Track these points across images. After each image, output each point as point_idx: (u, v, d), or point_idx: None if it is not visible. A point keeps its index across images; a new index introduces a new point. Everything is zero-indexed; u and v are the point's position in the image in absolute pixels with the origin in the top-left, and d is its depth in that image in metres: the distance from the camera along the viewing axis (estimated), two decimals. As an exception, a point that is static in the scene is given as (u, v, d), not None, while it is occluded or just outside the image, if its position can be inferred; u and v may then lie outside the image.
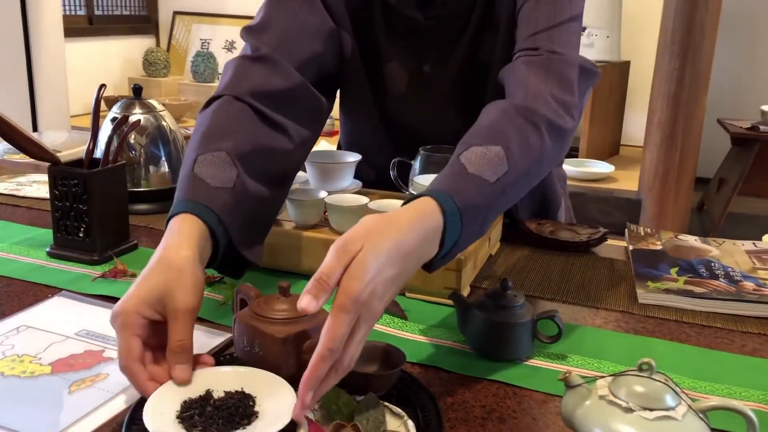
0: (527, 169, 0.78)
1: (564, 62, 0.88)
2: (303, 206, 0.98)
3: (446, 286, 0.89)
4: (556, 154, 0.83)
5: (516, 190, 0.78)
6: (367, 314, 0.58)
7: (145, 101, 1.30)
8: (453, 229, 0.69)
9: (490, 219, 0.75)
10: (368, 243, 0.60)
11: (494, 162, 0.75)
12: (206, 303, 0.89)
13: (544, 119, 0.81)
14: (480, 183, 0.73)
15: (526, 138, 0.79)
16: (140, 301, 0.64)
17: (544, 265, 1.08)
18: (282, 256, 0.98)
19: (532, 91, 0.84)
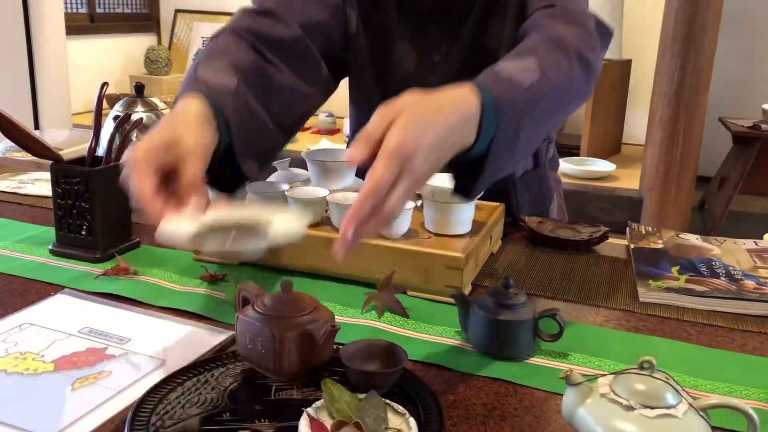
0: (557, 85, 0.80)
1: (583, 15, 0.92)
2: (304, 205, 0.98)
3: (448, 285, 0.90)
4: (582, 87, 0.87)
5: (547, 103, 0.78)
6: (410, 169, 0.62)
7: (147, 99, 1.30)
8: (489, 121, 0.70)
9: (522, 130, 0.75)
10: (410, 108, 0.64)
11: (527, 70, 0.77)
12: (209, 301, 0.89)
13: (573, 48, 0.85)
14: (513, 85, 0.75)
15: (557, 60, 0.82)
16: (150, 147, 0.67)
17: (546, 263, 1.08)
18: (285, 254, 0.98)
19: (558, 31, 0.87)
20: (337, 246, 0.61)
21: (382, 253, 0.93)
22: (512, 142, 0.74)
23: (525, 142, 0.77)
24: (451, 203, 0.95)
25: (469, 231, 0.99)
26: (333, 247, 0.62)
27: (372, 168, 0.61)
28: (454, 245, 0.94)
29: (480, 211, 1.08)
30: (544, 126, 0.82)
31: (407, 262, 0.91)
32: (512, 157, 0.76)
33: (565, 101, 0.83)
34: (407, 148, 0.62)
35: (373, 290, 0.90)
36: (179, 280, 0.96)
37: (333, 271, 0.96)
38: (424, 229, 1.00)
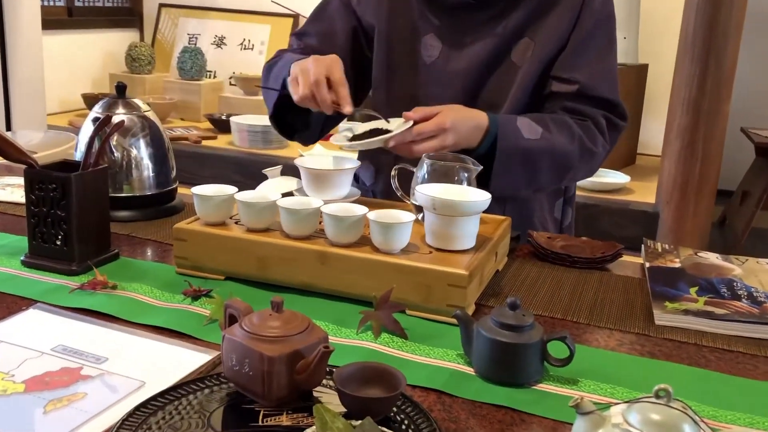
0: (553, 151, 1.20)
1: (595, 114, 1.25)
2: (297, 216, 0.98)
3: (449, 304, 0.90)
4: (581, 164, 1.24)
5: (540, 158, 1.19)
6: (442, 137, 1.11)
7: (128, 100, 1.31)
8: (487, 141, 1.16)
9: (516, 163, 1.18)
10: (455, 106, 1.16)
11: (532, 130, 1.19)
12: (192, 318, 0.90)
13: (577, 134, 1.23)
14: (517, 131, 1.18)
15: (559, 135, 1.21)
16: (315, 57, 1.14)
17: (555, 282, 1.08)
18: (274, 269, 0.98)
19: (569, 122, 1.24)
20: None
21: (379, 268, 0.93)
22: (508, 167, 1.17)
23: (520, 175, 1.19)
24: (455, 216, 0.96)
25: (473, 246, 0.99)
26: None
27: (422, 123, 1.11)
28: (456, 261, 0.94)
29: (485, 225, 1.08)
30: (539, 174, 1.21)
31: (406, 278, 0.92)
32: (512, 180, 1.19)
33: (559, 167, 1.22)
34: (447, 124, 1.11)
35: (370, 309, 0.90)
36: (161, 295, 0.96)
37: (327, 288, 0.97)
38: (424, 244, 1.01)
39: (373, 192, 1.38)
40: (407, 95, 1.29)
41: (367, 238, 0.99)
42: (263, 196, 1.04)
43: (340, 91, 1.12)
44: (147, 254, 1.13)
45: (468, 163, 1.07)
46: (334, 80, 1.12)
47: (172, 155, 1.35)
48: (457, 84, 1.25)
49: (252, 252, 0.99)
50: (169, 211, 1.32)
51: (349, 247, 0.97)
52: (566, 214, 1.41)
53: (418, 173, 1.08)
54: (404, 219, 0.97)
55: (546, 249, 1.16)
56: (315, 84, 1.10)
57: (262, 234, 1.01)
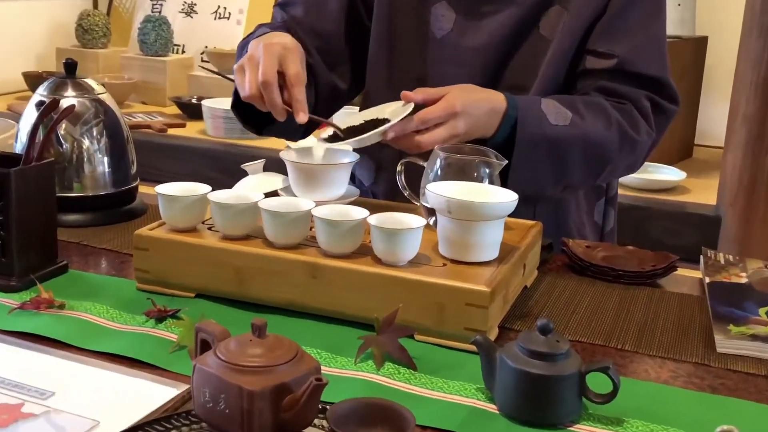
0: (585, 140, 1.19)
1: (635, 94, 1.24)
2: (283, 220, 0.98)
3: (467, 327, 0.90)
4: (622, 156, 1.23)
5: (568, 148, 1.18)
6: (452, 123, 1.10)
7: (79, 80, 1.31)
8: (505, 128, 1.16)
9: (539, 154, 1.17)
10: (465, 87, 1.16)
11: (560, 114, 1.18)
12: (156, 344, 0.90)
13: (615, 120, 1.21)
14: (541, 116, 1.17)
15: (594, 121, 1.19)
16: (269, 42, 1.11)
17: (595, 301, 1.08)
18: (255, 285, 0.99)
19: (604, 105, 1.22)
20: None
21: (382, 284, 0.93)
22: (530, 159, 1.17)
23: (546, 170, 1.19)
24: (474, 221, 0.96)
25: (496, 257, 0.99)
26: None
27: (427, 108, 1.10)
28: (476, 275, 0.94)
29: (511, 232, 1.08)
30: (570, 168, 1.20)
31: (415, 296, 0.92)
32: (536, 175, 1.18)
33: (594, 160, 1.21)
34: (457, 108, 1.10)
35: (371, 333, 0.90)
36: (118, 316, 0.96)
37: (319, 308, 0.97)
38: (437, 254, 1.01)
39: (374, 193, 1.38)
40: (412, 77, 1.28)
41: (367, 248, 0.99)
42: (242, 196, 1.04)
43: (294, 93, 1.10)
44: (101, 266, 1.13)
45: (490, 157, 1.07)
46: (288, 77, 1.10)
47: (132, 147, 1.35)
48: (475, 62, 1.25)
49: (229, 264, 0.99)
50: (129, 214, 1.32)
51: (345, 258, 0.97)
52: (608, 218, 1.41)
53: (430, 169, 1.09)
54: (412, 224, 0.97)
55: (584, 261, 1.16)
56: (263, 85, 1.08)
57: (241, 242, 1.01)
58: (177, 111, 3.41)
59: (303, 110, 1.09)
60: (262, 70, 1.08)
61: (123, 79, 3.63)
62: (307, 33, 1.30)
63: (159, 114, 3.36)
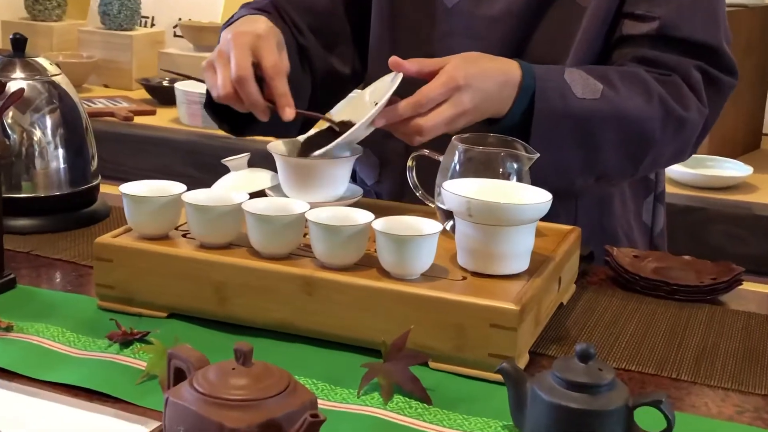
0: (620, 117, 1.17)
1: (680, 64, 1.22)
2: (272, 226, 0.98)
3: (492, 353, 0.90)
4: (666, 137, 1.21)
5: (599, 127, 1.16)
6: (457, 99, 1.07)
7: (29, 59, 1.31)
8: (522, 102, 1.13)
9: (564, 135, 1.15)
10: (469, 56, 1.13)
11: (589, 86, 1.16)
12: (121, 374, 0.90)
13: (657, 93, 1.18)
14: (566, 88, 1.15)
15: (632, 96, 1.17)
16: (242, 31, 1.11)
17: (645, 321, 1.08)
18: (239, 303, 0.99)
19: (644, 75, 1.20)
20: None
21: (390, 301, 0.93)
22: (551, 140, 1.14)
23: (571, 153, 1.17)
24: (500, 225, 0.96)
25: (525, 269, 0.99)
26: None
27: (423, 87, 1.07)
28: (502, 291, 0.94)
29: (543, 239, 1.08)
30: (602, 153, 1.18)
31: (430, 316, 0.92)
32: (559, 159, 1.16)
33: (632, 142, 1.19)
34: (460, 81, 1.07)
35: (378, 360, 0.90)
36: (76, 340, 0.97)
37: (315, 330, 0.97)
38: (456, 266, 1.00)
39: (379, 194, 1.38)
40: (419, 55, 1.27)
41: (372, 258, 0.99)
42: (223, 197, 1.04)
43: (275, 86, 1.10)
44: (56, 281, 1.13)
45: (518, 148, 1.07)
46: (265, 69, 1.10)
47: (92, 139, 1.35)
48: (492, 35, 1.23)
49: (207, 278, 0.99)
50: (88, 218, 1.32)
51: (346, 270, 0.97)
52: (658, 217, 1.41)
53: (447, 164, 1.08)
54: (426, 230, 0.97)
55: (632, 273, 1.16)
56: (238, 81, 1.08)
57: (222, 252, 1.01)
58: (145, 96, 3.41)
59: (288, 104, 1.09)
60: (235, 65, 1.08)
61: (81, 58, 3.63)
62: (298, 10, 1.30)
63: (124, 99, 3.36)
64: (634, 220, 1.35)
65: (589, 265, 1.21)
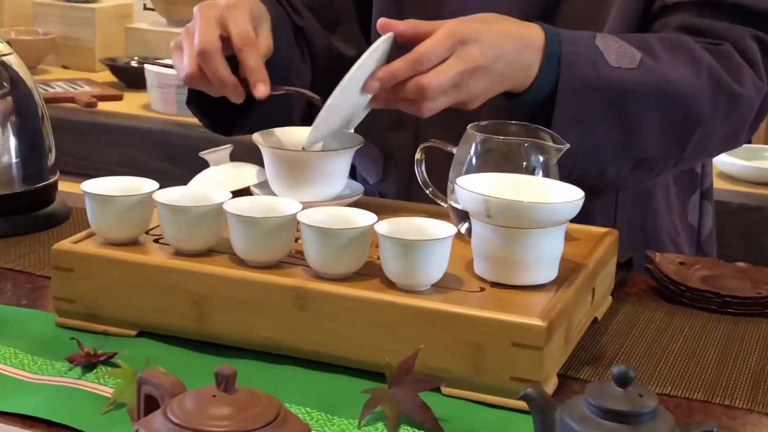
0: (661, 91, 1.15)
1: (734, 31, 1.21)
2: (258, 230, 0.98)
3: (515, 376, 0.90)
4: (716, 116, 1.19)
5: (637, 101, 1.15)
6: (464, 52, 1.04)
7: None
8: (549, 70, 1.11)
9: (592, 106, 1.13)
10: (473, 16, 1.11)
11: (625, 54, 1.14)
12: (83, 401, 0.90)
13: (705, 64, 1.17)
14: (597, 55, 1.13)
15: (676, 65, 1.16)
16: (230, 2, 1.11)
17: (693, 338, 1.08)
18: (221, 319, 0.99)
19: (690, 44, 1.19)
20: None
21: (396, 317, 0.93)
22: (579, 114, 1.13)
23: (603, 130, 1.15)
24: (523, 228, 0.96)
25: (553, 278, 0.99)
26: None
27: (423, 42, 1.04)
28: (526, 304, 0.94)
29: (574, 244, 1.08)
30: (640, 132, 1.17)
31: (442, 334, 0.92)
32: (589, 138, 1.14)
33: (677, 119, 1.18)
34: (465, 35, 1.05)
35: (382, 385, 0.90)
36: (31, 362, 0.97)
37: (309, 350, 0.97)
38: (473, 275, 1.01)
39: (382, 193, 1.37)
40: None
41: (375, 267, 0.99)
42: (201, 195, 1.04)
43: (245, 59, 1.10)
44: (7, 294, 1.13)
45: (545, 138, 1.07)
46: (234, 39, 1.10)
47: (49, 128, 1.36)
48: (514, 11, 1.21)
49: (183, 290, 0.99)
50: (45, 221, 1.33)
51: (345, 281, 0.98)
52: (705, 217, 1.41)
53: (462, 157, 1.08)
54: (437, 233, 0.97)
55: (678, 282, 1.16)
56: (201, 55, 1.08)
57: (201, 260, 1.01)
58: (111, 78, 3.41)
59: (261, 80, 1.08)
60: (199, 39, 1.08)
61: (36, 35, 3.64)
62: None
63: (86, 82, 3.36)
64: (678, 220, 1.35)
65: (628, 273, 1.21)
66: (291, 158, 1.11)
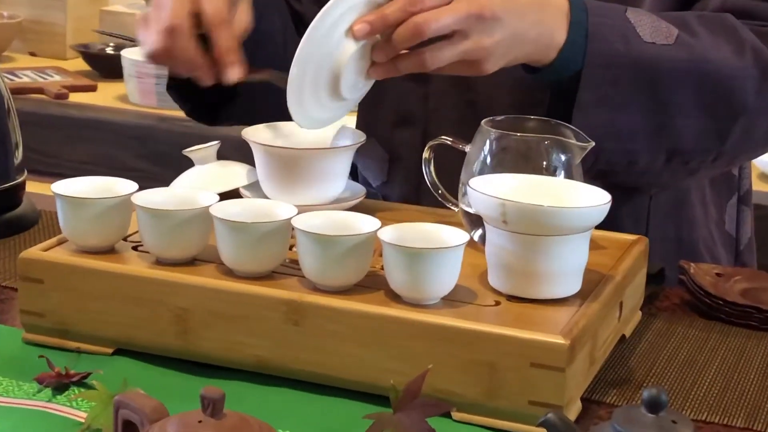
0: (699, 70, 1.16)
1: None
2: (249, 236, 0.99)
3: (534, 400, 0.90)
4: (762, 102, 1.19)
5: (673, 80, 1.15)
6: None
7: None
8: (574, 42, 1.11)
9: (622, 83, 1.13)
10: None
11: (660, 30, 1.15)
12: (54, 427, 0.89)
13: (752, 46, 1.17)
14: (628, 28, 1.13)
15: (717, 45, 1.16)
16: None
17: (732, 358, 1.08)
18: (207, 336, 0.99)
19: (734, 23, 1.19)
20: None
21: (402, 333, 0.93)
22: (607, 92, 1.13)
23: (633, 112, 1.15)
24: (543, 235, 0.96)
25: (576, 291, 1.00)
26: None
27: None
28: (547, 320, 0.94)
29: (599, 252, 1.09)
30: (676, 117, 1.16)
31: (453, 352, 0.92)
32: (618, 120, 1.14)
33: (718, 104, 1.17)
34: None
35: (386, 409, 0.90)
36: (-4, 383, 0.97)
37: (304, 371, 0.97)
38: (487, 288, 1.01)
39: (386, 197, 1.37)
40: None
41: (379, 278, 0.99)
42: (185, 198, 1.05)
43: (217, 39, 1.10)
44: (-30, 307, 1.13)
45: (567, 135, 1.07)
46: (205, 17, 1.10)
47: (15, 123, 1.36)
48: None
49: (165, 303, 0.99)
50: (11, 226, 1.33)
51: (345, 293, 0.98)
52: (744, 224, 1.41)
53: (475, 156, 1.09)
54: (448, 241, 0.97)
55: (714, 296, 1.16)
56: (168, 32, 1.09)
57: (184, 270, 1.02)
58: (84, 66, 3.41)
59: (233, 62, 1.09)
60: (168, 14, 1.09)
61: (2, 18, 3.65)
62: None
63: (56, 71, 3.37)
64: (714, 226, 1.35)
65: (660, 286, 1.21)
66: (285, 156, 1.11)
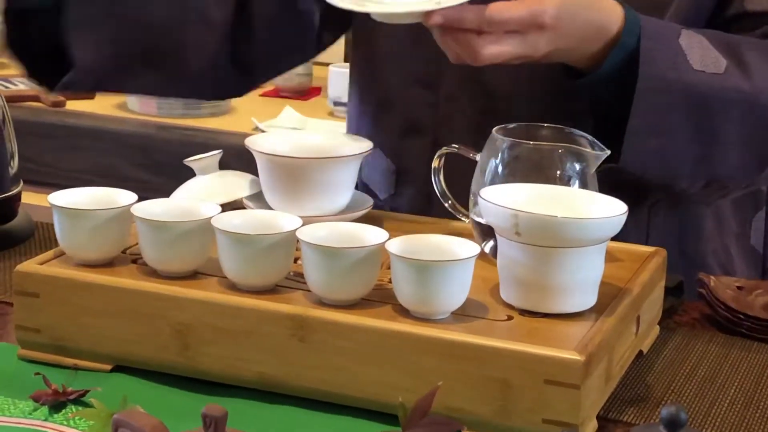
0: (750, 102, 1.18)
1: None
2: (252, 248, 0.99)
3: (548, 418, 0.90)
4: None
5: (721, 111, 1.17)
6: (532, 41, 1.07)
7: None
8: (616, 58, 1.13)
9: (670, 111, 1.15)
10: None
11: (709, 58, 1.16)
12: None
13: None
14: (678, 53, 1.15)
15: (764, 75, 1.18)
16: None
17: (754, 375, 1.08)
18: (209, 352, 0.99)
19: None
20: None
21: (410, 349, 0.93)
22: (657, 114, 1.14)
23: (682, 141, 1.17)
24: (557, 247, 0.96)
25: (592, 305, 1.00)
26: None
27: (506, 3, 1.06)
28: (561, 336, 0.94)
29: (615, 265, 1.08)
30: (721, 146, 1.19)
31: (464, 369, 0.92)
32: (666, 147, 1.16)
33: (762, 137, 1.20)
34: (545, 19, 1.06)
35: (395, 428, 0.90)
36: (-9, 402, 0.97)
37: (309, 388, 0.97)
38: (499, 302, 1.01)
39: (395, 209, 1.37)
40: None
41: (387, 292, 1.00)
42: (187, 210, 1.05)
43: None
44: (-37, 323, 1.13)
45: (582, 144, 1.07)
46: None
47: (10, 132, 1.36)
48: None
49: (166, 318, 0.99)
50: (6, 239, 1.33)
51: (351, 308, 0.98)
52: None
53: (486, 165, 1.09)
54: (458, 253, 0.97)
55: (736, 311, 1.15)
56: None
57: (186, 284, 1.02)
58: (81, 74, 3.40)
59: None
60: None
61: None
62: None
63: (53, 78, 3.36)
64: (736, 244, 1.35)
65: (679, 300, 1.20)
66: (289, 166, 1.11)
